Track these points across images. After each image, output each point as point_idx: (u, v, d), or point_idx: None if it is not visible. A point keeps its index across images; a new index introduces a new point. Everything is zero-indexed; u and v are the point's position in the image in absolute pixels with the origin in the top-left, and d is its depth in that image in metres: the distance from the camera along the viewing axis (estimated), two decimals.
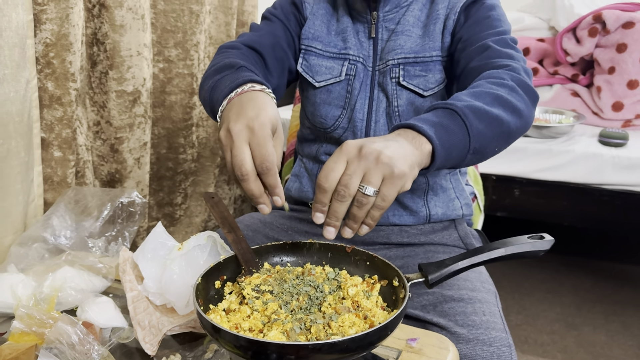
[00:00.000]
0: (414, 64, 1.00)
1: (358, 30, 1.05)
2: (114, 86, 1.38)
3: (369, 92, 1.04)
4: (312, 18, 1.07)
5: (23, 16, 1.07)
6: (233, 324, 0.63)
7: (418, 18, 1.02)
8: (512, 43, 0.94)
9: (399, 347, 0.81)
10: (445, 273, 0.69)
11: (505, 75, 0.84)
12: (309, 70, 1.06)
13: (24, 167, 1.13)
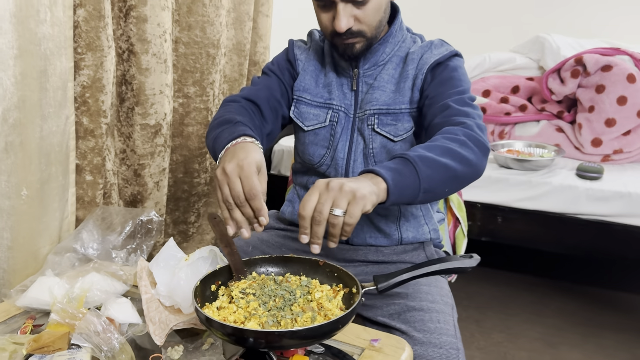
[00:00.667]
0: (386, 114, 1.17)
1: (342, 84, 1.22)
2: (139, 120, 1.58)
3: (350, 136, 1.21)
4: (303, 73, 1.24)
5: (66, 64, 1.27)
6: (222, 317, 0.80)
7: (392, 76, 1.19)
8: (469, 101, 1.10)
9: (363, 346, 0.97)
10: (391, 283, 0.86)
11: (459, 132, 1.00)
12: (300, 117, 1.24)
13: (61, 189, 1.32)
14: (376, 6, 1.08)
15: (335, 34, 1.10)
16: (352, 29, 1.08)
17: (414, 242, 1.26)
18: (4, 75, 1.11)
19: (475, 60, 2.73)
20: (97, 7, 1.32)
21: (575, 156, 2.31)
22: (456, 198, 1.91)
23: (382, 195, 0.87)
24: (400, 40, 1.21)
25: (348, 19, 1.07)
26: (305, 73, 1.24)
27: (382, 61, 1.20)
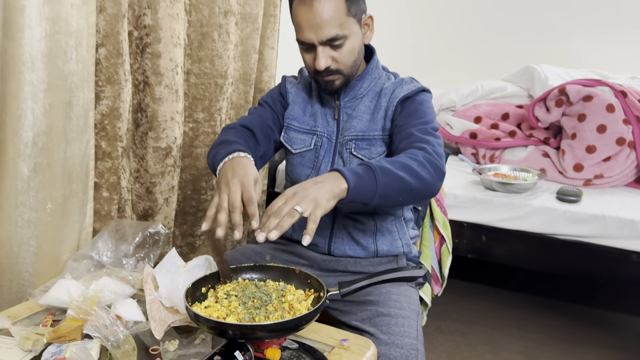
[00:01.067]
0: (362, 140, 1.33)
1: (326, 113, 1.39)
2: (152, 143, 1.75)
3: (332, 158, 1.37)
4: (293, 104, 1.42)
5: (88, 95, 1.45)
6: (207, 313, 0.95)
7: (368, 107, 1.35)
8: (431, 131, 1.25)
9: (334, 344, 1.11)
10: (352, 288, 1.00)
11: (419, 154, 1.15)
12: (289, 141, 1.41)
13: (81, 203, 1.49)
14: (350, 49, 1.25)
15: (316, 71, 1.26)
16: (330, 68, 1.25)
17: (389, 254, 1.40)
18: (35, 106, 1.30)
19: (468, 88, 2.88)
20: (116, 47, 1.50)
21: (560, 180, 2.43)
22: (441, 217, 2.05)
23: (342, 194, 1.03)
24: (376, 77, 1.38)
25: (326, 59, 1.23)
26: (294, 104, 1.41)
27: (360, 95, 1.36)
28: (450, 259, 2.09)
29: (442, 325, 2.37)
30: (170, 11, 1.68)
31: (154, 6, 1.64)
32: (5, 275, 1.34)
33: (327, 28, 1.19)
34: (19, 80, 1.25)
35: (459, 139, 2.74)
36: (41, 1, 1.26)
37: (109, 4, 1.47)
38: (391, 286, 1.30)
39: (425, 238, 2.04)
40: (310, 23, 1.19)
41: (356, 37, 1.26)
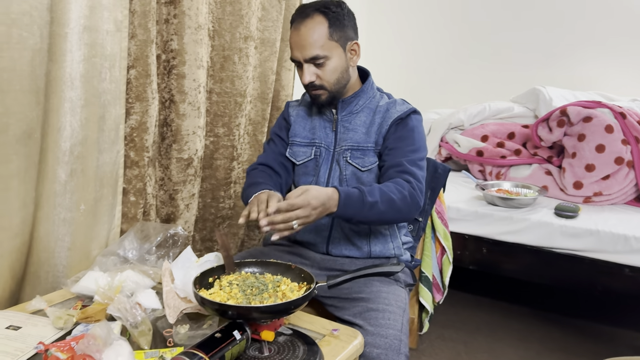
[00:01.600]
0: (357, 150, 1.49)
1: (326, 126, 1.56)
2: (175, 154, 1.92)
3: (329, 166, 1.53)
4: (294, 124, 1.60)
5: (119, 110, 1.63)
6: (212, 298, 1.09)
7: (364, 122, 1.51)
8: (419, 162, 1.44)
9: (325, 333, 1.24)
10: (338, 280, 1.14)
11: (405, 187, 1.37)
12: (293, 155, 1.59)
13: (110, 206, 1.66)
14: (332, 68, 1.44)
15: (305, 85, 1.46)
16: (314, 83, 1.44)
17: (381, 256, 1.54)
18: (73, 119, 1.47)
19: (476, 108, 3.00)
20: (145, 68, 1.68)
21: (561, 197, 2.51)
22: (442, 229, 2.16)
23: (332, 209, 1.26)
24: (371, 96, 1.55)
25: (310, 75, 1.43)
26: (295, 123, 1.59)
27: (356, 110, 1.53)
28: (450, 268, 2.20)
29: (444, 333, 2.46)
30: (195, 37, 1.86)
31: (180, 33, 1.82)
32: (43, 267, 1.51)
33: (309, 48, 1.40)
34: (60, 97, 1.43)
35: (466, 156, 2.85)
36: (81, 29, 1.45)
37: (140, 31, 1.65)
38: (382, 285, 1.43)
39: (427, 248, 2.15)
40: (297, 44, 1.41)
41: (338, 59, 1.44)
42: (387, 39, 3.77)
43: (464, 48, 3.51)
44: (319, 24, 1.40)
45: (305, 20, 1.40)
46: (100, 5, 1.49)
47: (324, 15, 1.40)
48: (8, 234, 1.36)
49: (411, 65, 3.71)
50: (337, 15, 1.42)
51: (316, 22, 1.40)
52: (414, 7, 3.64)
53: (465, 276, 2.78)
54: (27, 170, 1.39)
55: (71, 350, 1.05)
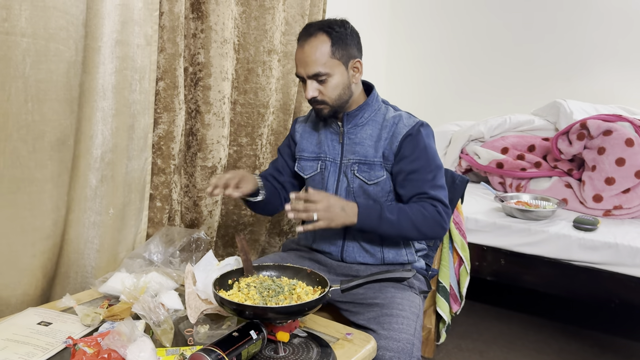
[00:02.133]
0: (364, 164, 1.53)
1: (332, 139, 1.59)
2: (200, 162, 1.98)
3: (337, 177, 1.57)
4: (300, 139, 1.66)
5: (148, 120, 1.70)
6: (230, 298, 1.14)
7: (370, 135, 1.54)
8: (439, 183, 1.50)
9: (339, 337, 1.27)
10: (351, 285, 1.17)
11: (429, 210, 1.45)
12: (301, 169, 1.64)
13: (137, 211, 1.73)
14: (334, 85, 1.47)
15: (308, 100, 1.50)
16: (317, 98, 1.48)
17: (394, 262, 1.56)
18: (104, 128, 1.55)
19: (497, 120, 3.00)
20: (173, 80, 1.75)
21: (580, 210, 2.49)
22: (460, 240, 2.17)
23: (352, 222, 1.37)
24: (376, 109, 1.57)
25: (313, 91, 1.46)
26: (302, 139, 1.66)
27: (361, 123, 1.56)
28: (468, 279, 2.20)
29: (461, 343, 2.46)
30: (221, 51, 1.92)
31: (207, 46, 1.89)
32: (73, 268, 1.58)
33: (312, 65, 1.44)
34: (93, 107, 1.51)
35: (486, 168, 2.85)
36: (113, 43, 1.52)
37: (169, 45, 1.72)
38: (396, 291, 1.46)
39: (445, 258, 2.16)
40: (301, 61, 1.46)
41: (340, 76, 1.47)
42: (408, 52, 3.81)
43: (485, 60, 3.52)
44: (322, 43, 1.44)
45: (309, 39, 1.45)
46: (132, 20, 1.56)
47: (327, 35, 1.45)
48: (41, 235, 1.43)
49: (432, 77, 3.74)
50: (340, 35, 1.46)
51: (319, 41, 1.44)
52: (436, 20, 3.67)
53: (483, 287, 2.77)
54: (60, 175, 1.46)
55: (98, 345, 1.11)
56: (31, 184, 1.39)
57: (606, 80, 3.13)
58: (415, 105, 3.82)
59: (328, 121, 1.59)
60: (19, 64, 1.30)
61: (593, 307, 2.82)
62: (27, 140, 1.35)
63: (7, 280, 1.40)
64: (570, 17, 3.21)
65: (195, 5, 1.87)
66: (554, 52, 3.28)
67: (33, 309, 1.33)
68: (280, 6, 2.15)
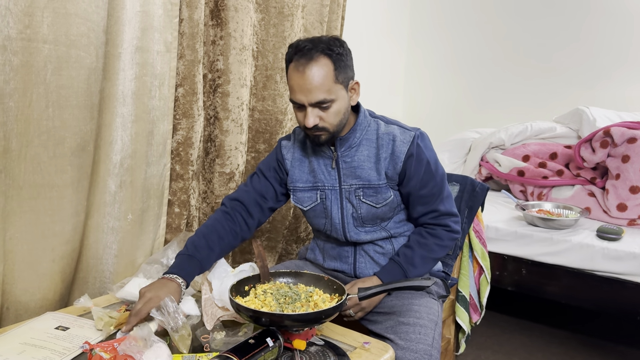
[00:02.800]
0: (368, 188, 1.45)
1: (326, 164, 1.49)
2: (218, 169, 1.99)
3: (340, 204, 1.49)
4: (292, 169, 1.53)
5: (167, 126, 1.71)
6: (246, 305, 1.12)
7: (367, 156, 1.45)
8: (446, 195, 1.48)
9: (356, 346, 1.25)
10: (368, 293, 1.15)
11: (445, 237, 1.48)
12: (298, 201, 1.54)
13: (156, 217, 1.73)
14: (336, 110, 1.36)
15: (306, 127, 1.37)
16: (317, 126, 1.36)
17: None
18: (124, 134, 1.56)
19: (518, 128, 2.96)
20: (192, 87, 1.76)
21: (604, 219, 2.44)
22: (480, 248, 2.13)
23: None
24: (366, 126, 1.48)
25: (314, 118, 1.34)
26: (293, 168, 1.54)
27: (355, 144, 1.47)
28: (488, 288, 2.16)
29: (481, 354, 2.41)
30: (240, 57, 1.93)
31: (226, 53, 1.90)
32: (91, 273, 1.59)
33: (316, 93, 1.31)
34: (112, 113, 1.52)
35: (507, 176, 2.81)
36: (133, 49, 1.54)
37: (188, 52, 1.73)
38: (413, 298, 1.43)
39: (464, 267, 2.12)
40: (301, 87, 1.32)
41: (342, 101, 1.37)
42: (427, 59, 3.78)
43: (505, 67, 3.48)
44: (324, 67, 1.31)
45: (310, 63, 1.31)
46: (152, 27, 1.58)
47: (329, 58, 1.32)
48: (60, 240, 1.44)
49: (452, 84, 3.71)
50: (341, 57, 1.35)
51: (322, 65, 1.31)
52: (456, 26, 3.64)
53: (504, 297, 2.72)
54: (80, 181, 1.47)
55: (114, 350, 1.10)
56: (51, 189, 1.40)
57: (630, 87, 3.07)
58: (435, 113, 3.80)
59: (318, 147, 1.49)
60: (41, 71, 1.32)
61: (617, 319, 2.74)
62: (47, 146, 1.37)
63: (26, 284, 1.41)
64: (592, 24, 3.16)
65: (214, 13, 1.88)
66: (577, 59, 3.23)
67: (51, 313, 1.34)
68: (299, 13, 2.15)
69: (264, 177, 1.57)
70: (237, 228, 1.51)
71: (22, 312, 1.41)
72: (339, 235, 1.51)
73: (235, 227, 1.50)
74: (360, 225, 1.49)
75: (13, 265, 1.38)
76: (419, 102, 3.87)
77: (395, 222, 1.52)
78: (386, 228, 1.51)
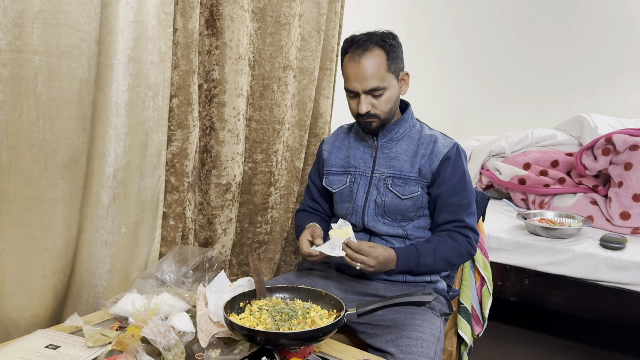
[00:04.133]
0: (398, 178, 1.51)
1: (365, 152, 1.59)
2: (214, 180, 1.96)
3: (367, 189, 1.55)
4: (329, 155, 1.66)
5: (161, 137, 1.68)
6: (241, 322, 1.09)
7: (406, 150, 1.53)
8: (473, 209, 1.52)
9: None
10: (367, 309, 1.12)
11: (463, 244, 1.51)
12: (329, 184, 1.63)
13: (150, 230, 1.70)
14: (388, 98, 1.48)
15: (359, 114, 1.49)
16: (370, 112, 1.47)
17: (416, 281, 1.52)
18: (117, 145, 1.53)
19: (518, 135, 2.93)
20: (187, 97, 1.73)
21: (607, 228, 2.41)
22: (482, 259, 2.10)
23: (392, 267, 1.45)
24: (410, 125, 1.58)
25: (367, 105, 1.47)
26: (330, 154, 1.67)
27: (396, 138, 1.56)
28: (490, 300, 2.12)
29: None
30: (236, 67, 1.90)
31: (222, 63, 1.88)
32: (84, 288, 1.55)
33: (370, 80, 1.44)
34: (105, 125, 1.49)
35: (508, 184, 2.78)
36: (126, 60, 1.51)
37: (182, 62, 1.71)
38: (415, 313, 1.40)
39: (466, 278, 2.09)
40: (357, 75, 1.45)
41: (393, 89, 1.50)
42: (426, 66, 3.76)
43: (505, 74, 3.46)
44: (378, 57, 1.44)
45: (365, 53, 1.44)
46: (145, 37, 1.55)
47: (382, 49, 1.45)
48: (51, 255, 1.41)
49: (451, 91, 3.69)
50: (393, 48, 1.47)
51: (376, 55, 1.44)
52: (455, 34, 3.63)
53: (506, 308, 2.68)
54: (72, 194, 1.44)
55: None
56: (42, 203, 1.37)
57: (631, 94, 3.05)
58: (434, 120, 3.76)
59: (360, 135, 1.60)
60: (31, 82, 1.29)
61: (621, 329, 2.71)
62: (38, 159, 1.34)
63: (17, 301, 1.37)
64: (593, 29, 3.14)
65: (209, 22, 1.86)
66: (577, 65, 3.21)
67: (42, 331, 1.30)
68: (295, 22, 2.13)
69: (312, 183, 1.76)
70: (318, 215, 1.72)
71: (12, 329, 1.38)
72: (357, 220, 1.57)
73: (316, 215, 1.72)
74: (381, 215, 1.53)
75: (3, 282, 1.35)
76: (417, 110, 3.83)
77: (415, 227, 1.56)
78: (405, 228, 1.55)
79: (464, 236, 1.52)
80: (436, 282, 1.55)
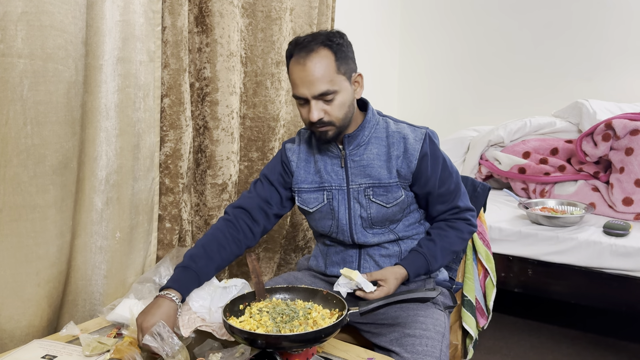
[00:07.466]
0: (378, 187, 1.41)
1: (334, 164, 1.45)
2: (210, 180, 1.93)
3: (347, 204, 1.44)
4: (297, 169, 1.49)
5: (153, 138, 1.65)
6: (241, 326, 1.07)
7: (377, 155, 1.42)
8: (462, 189, 1.48)
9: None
10: (370, 307, 1.09)
11: (465, 229, 1.48)
12: (303, 203, 1.48)
13: (146, 233, 1.67)
14: (340, 103, 1.33)
15: (311, 123, 1.35)
16: (323, 120, 1.33)
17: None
18: (108, 148, 1.50)
19: (516, 124, 2.91)
20: (178, 97, 1.70)
21: (610, 214, 2.39)
22: (484, 250, 2.07)
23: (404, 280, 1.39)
24: (374, 124, 1.45)
25: (319, 112, 1.32)
26: (298, 169, 1.49)
27: (363, 142, 1.43)
28: (494, 291, 2.10)
29: (490, 359, 2.35)
30: (227, 64, 1.87)
31: (213, 60, 1.85)
32: (80, 295, 1.53)
33: (318, 84, 1.29)
34: (96, 127, 1.46)
35: (508, 173, 2.76)
36: (115, 60, 1.48)
37: (173, 61, 1.68)
38: (418, 309, 1.37)
39: (469, 270, 2.07)
40: (303, 80, 1.30)
41: (346, 92, 1.35)
42: (420, 59, 3.74)
43: (500, 63, 3.43)
44: (325, 58, 1.30)
45: (310, 55, 1.30)
46: (133, 37, 1.52)
47: (329, 49, 1.31)
48: (45, 263, 1.38)
49: (447, 83, 3.66)
50: (341, 47, 1.34)
51: (322, 56, 1.30)
52: (448, 25, 3.60)
53: (510, 299, 2.66)
54: (63, 200, 1.41)
55: None
56: (33, 210, 1.34)
57: (629, 78, 3.03)
58: (431, 112, 3.75)
59: (324, 145, 1.46)
60: (17, 86, 1.26)
61: (628, 317, 2.69)
62: (27, 165, 1.31)
63: (11, 312, 1.35)
64: (587, 15, 3.12)
65: (199, 19, 1.83)
66: (573, 50, 3.18)
67: (38, 341, 1.28)
68: (287, 16, 2.10)
69: (268, 182, 1.53)
70: (240, 236, 1.46)
71: (7, 341, 1.35)
72: (346, 238, 1.46)
73: (238, 234, 1.45)
74: (369, 227, 1.44)
75: None
76: (413, 102, 3.82)
77: (405, 225, 1.49)
78: (395, 231, 1.47)
79: (463, 220, 1.48)
80: (437, 276, 1.52)
